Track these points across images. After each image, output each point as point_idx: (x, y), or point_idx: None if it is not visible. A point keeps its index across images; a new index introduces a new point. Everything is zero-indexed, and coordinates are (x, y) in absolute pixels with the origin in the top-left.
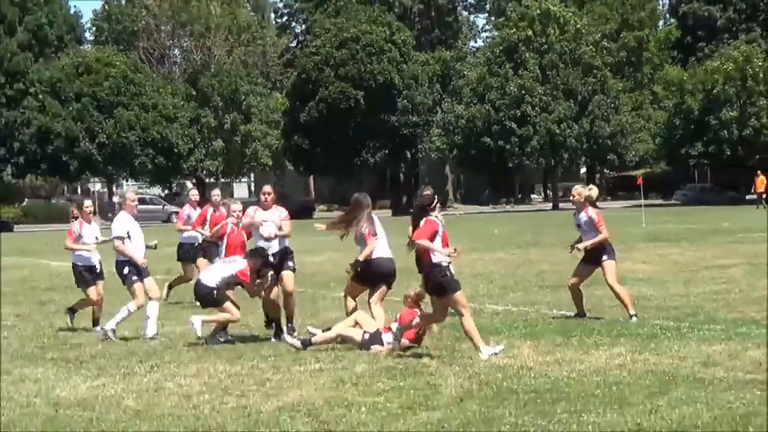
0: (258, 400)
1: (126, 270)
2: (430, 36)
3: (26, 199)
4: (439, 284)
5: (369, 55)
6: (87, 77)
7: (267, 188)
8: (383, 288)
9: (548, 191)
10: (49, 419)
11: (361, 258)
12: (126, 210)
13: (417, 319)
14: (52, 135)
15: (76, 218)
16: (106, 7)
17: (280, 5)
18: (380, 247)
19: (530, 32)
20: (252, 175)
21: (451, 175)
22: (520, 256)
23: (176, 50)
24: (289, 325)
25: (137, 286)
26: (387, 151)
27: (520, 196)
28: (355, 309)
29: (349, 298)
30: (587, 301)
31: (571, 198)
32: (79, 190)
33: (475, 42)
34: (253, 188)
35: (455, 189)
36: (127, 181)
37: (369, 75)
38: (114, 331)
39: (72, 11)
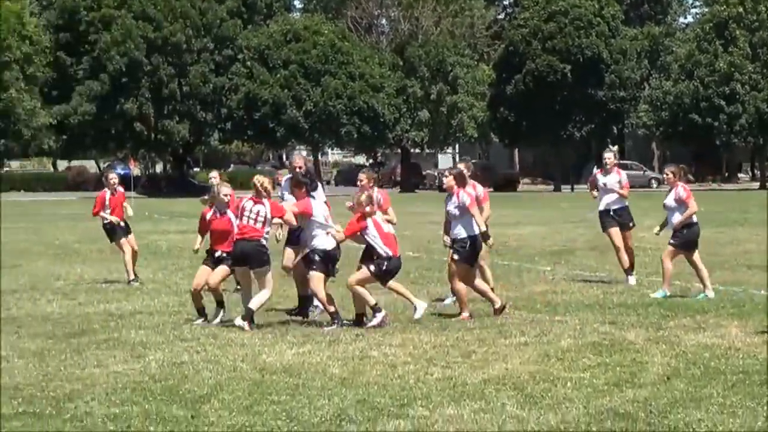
0: (463, 372)
1: None
2: (639, 11)
3: (231, 165)
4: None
5: (577, 29)
6: (295, 45)
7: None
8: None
9: (756, 170)
10: (256, 384)
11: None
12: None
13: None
14: (260, 102)
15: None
16: None
17: None
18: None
19: (741, 9)
20: (457, 146)
21: (657, 151)
22: (726, 235)
23: (384, 20)
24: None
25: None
26: (593, 126)
27: (726, 174)
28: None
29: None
30: None
31: None
32: (284, 157)
33: (685, 18)
34: (457, 159)
35: (661, 165)
36: (332, 149)
37: (577, 49)
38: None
39: None
